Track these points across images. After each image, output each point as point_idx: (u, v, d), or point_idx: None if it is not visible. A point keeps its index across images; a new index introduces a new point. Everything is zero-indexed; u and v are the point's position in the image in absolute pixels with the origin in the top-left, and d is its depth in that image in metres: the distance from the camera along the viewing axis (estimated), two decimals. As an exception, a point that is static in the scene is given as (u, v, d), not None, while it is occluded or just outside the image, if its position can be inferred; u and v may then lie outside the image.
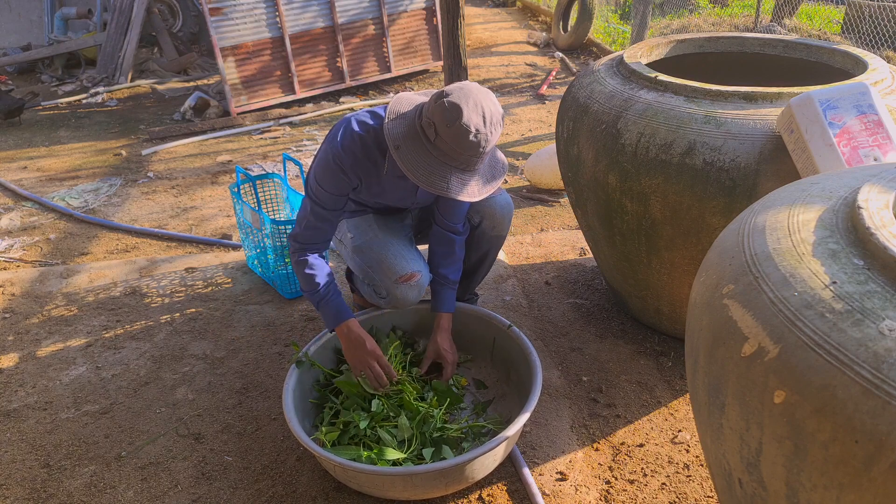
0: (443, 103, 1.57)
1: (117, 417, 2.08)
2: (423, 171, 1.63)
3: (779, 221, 1.11)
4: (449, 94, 1.58)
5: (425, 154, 1.63)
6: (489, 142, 1.61)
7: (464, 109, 1.55)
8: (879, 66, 1.96)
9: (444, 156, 1.62)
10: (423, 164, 1.63)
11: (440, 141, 1.60)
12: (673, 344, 2.34)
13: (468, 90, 1.60)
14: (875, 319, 0.85)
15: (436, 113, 1.58)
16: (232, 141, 4.73)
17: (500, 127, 1.64)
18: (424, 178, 1.63)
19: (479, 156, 1.62)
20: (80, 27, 7.17)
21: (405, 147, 1.64)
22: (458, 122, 1.55)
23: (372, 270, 2.04)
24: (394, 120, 1.69)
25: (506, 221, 2.13)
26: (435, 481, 1.62)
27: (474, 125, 1.56)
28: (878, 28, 5.67)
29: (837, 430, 0.82)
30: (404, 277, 2.00)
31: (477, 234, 2.12)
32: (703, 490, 1.77)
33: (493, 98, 1.64)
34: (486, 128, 1.59)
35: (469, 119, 1.56)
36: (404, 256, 2.02)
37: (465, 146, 1.58)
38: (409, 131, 1.65)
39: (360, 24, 5.47)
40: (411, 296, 2.04)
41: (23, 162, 4.45)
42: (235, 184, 2.76)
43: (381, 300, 2.09)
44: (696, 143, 1.81)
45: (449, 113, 1.56)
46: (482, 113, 1.58)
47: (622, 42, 6.52)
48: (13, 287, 2.83)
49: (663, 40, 2.42)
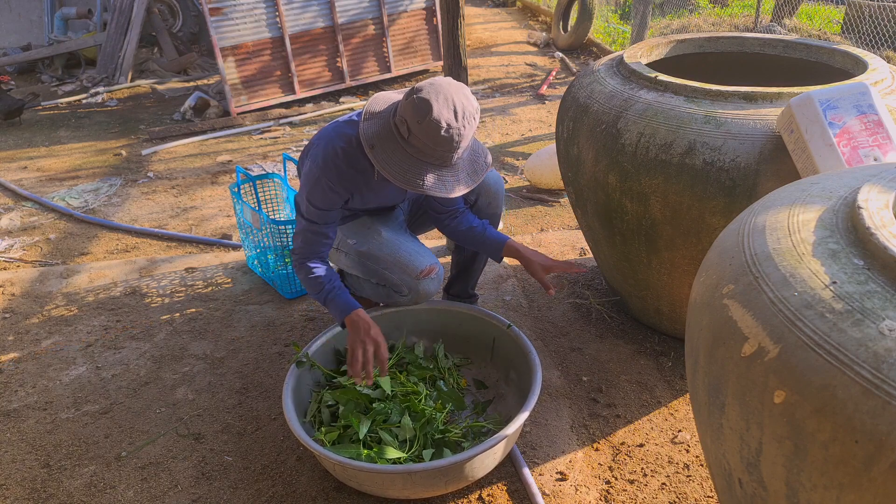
0: (413, 100, 1.58)
1: (117, 417, 2.08)
2: (399, 170, 1.63)
3: (779, 221, 1.11)
4: (419, 91, 1.59)
5: (400, 152, 1.63)
6: (462, 136, 1.60)
7: (434, 105, 1.55)
8: (879, 66, 1.96)
9: (419, 153, 1.62)
10: (399, 162, 1.63)
11: (413, 138, 1.60)
12: (673, 344, 2.34)
13: (439, 85, 1.60)
14: (875, 319, 0.85)
15: (407, 110, 1.59)
16: (232, 141, 4.73)
17: (473, 121, 1.62)
18: (401, 177, 1.63)
19: (453, 150, 1.62)
20: (80, 27, 7.17)
21: (380, 146, 1.65)
22: (428, 118, 1.55)
23: (389, 272, 2.04)
24: (368, 120, 1.69)
25: (500, 197, 2.15)
26: (435, 479, 1.62)
27: (445, 120, 1.56)
28: (878, 28, 5.67)
29: (837, 430, 0.82)
30: (424, 272, 2.01)
31: (474, 213, 2.13)
32: (703, 490, 1.77)
33: (467, 92, 1.64)
34: (458, 122, 1.58)
35: (440, 114, 1.55)
36: (418, 252, 2.04)
37: (438, 141, 1.58)
38: (383, 130, 1.66)
39: (360, 24, 5.47)
40: (432, 288, 2.06)
41: (23, 162, 4.45)
42: (235, 184, 2.76)
43: (402, 298, 2.09)
44: (696, 143, 1.81)
45: (419, 109, 1.56)
46: (453, 107, 1.57)
47: (622, 42, 6.52)
48: (13, 287, 2.83)
49: (663, 40, 2.42)
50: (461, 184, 1.70)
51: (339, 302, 1.89)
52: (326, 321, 2.50)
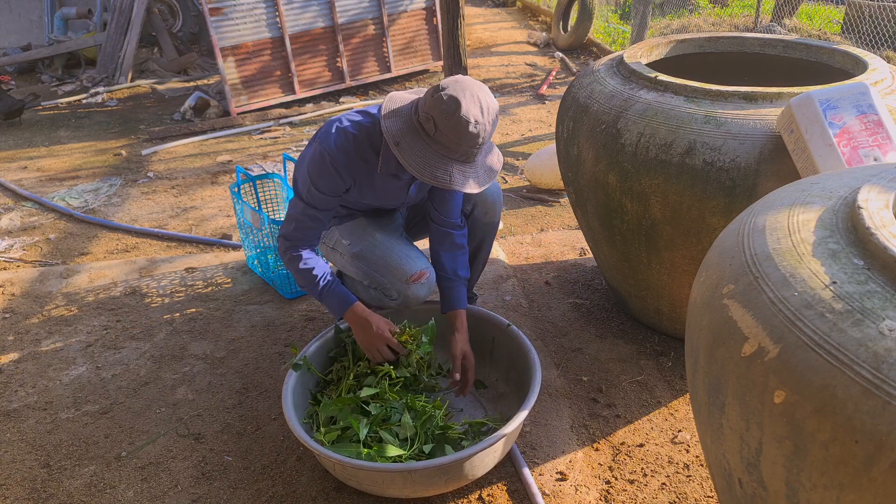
0: (440, 96, 1.59)
1: (117, 417, 2.08)
2: (426, 166, 1.65)
3: (779, 221, 1.11)
4: (446, 88, 1.61)
5: (425, 148, 1.65)
6: (488, 132, 1.64)
7: (462, 101, 1.58)
8: (879, 66, 1.96)
9: (445, 149, 1.64)
10: (425, 158, 1.65)
11: (439, 134, 1.62)
12: (673, 344, 2.34)
13: (464, 83, 1.63)
14: (875, 319, 0.85)
15: (434, 107, 1.60)
16: (232, 141, 4.73)
17: (496, 119, 1.66)
18: (428, 173, 1.65)
19: (479, 147, 1.65)
20: (80, 27, 7.17)
21: (405, 143, 1.66)
22: (457, 114, 1.58)
23: (379, 274, 2.04)
24: (390, 118, 1.70)
25: (497, 207, 2.15)
26: (435, 477, 1.62)
27: (473, 116, 1.59)
28: (878, 28, 5.67)
29: (837, 430, 0.82)
30: (414, 277, 2.01)
31: (470, 222, 2.13)
32: (703, 490, 1.77)
33: (488, 91, 1.67)
34: (484, 118, 1.61)
35: (468, 110, 1.58)
36: (410, 256, 2.03)
37: (465, 138, 1.61)
38: (406, 127, 1.68)
39: (360, 24, 5.47)
40: (422, 293, 2.05)
41: (23, 162, 4.45)
42: (235, 184, 2.76)
43: (391, 301, 2.09)
44: (696, 143, 1.81)
45: (447, 105, 1.58)
46: (479, 104, 1.61)
47: (622, 42, 6.52)
48: (13, 287, 2.83)
49: (663, 40, 2.42)
50: (481, 179, 1.72)
51: (334, 297, 1.89)
52: (326, 321, 2.50)
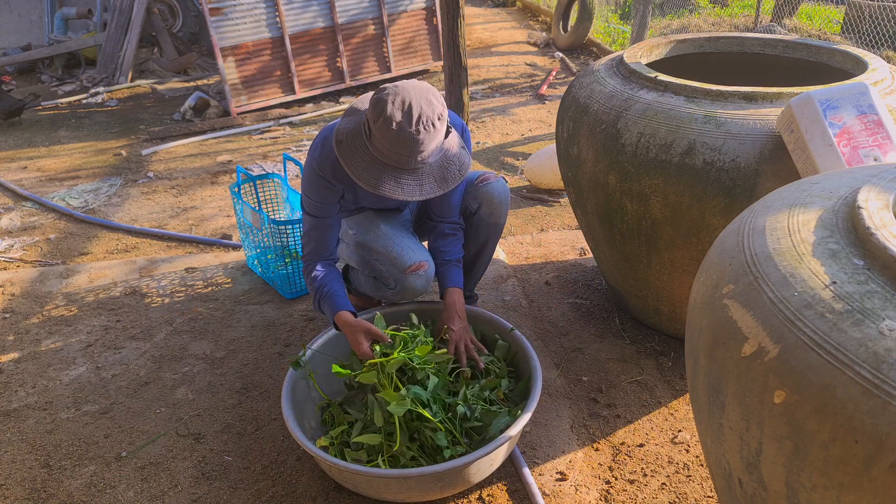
0: (373, 99, 1.60)
1: (117, 417, 2.08)
2: (359, 167, 1.66)
3: (779, 221, 1.11)
4: (381, 91, 1.60)
5: (363, 151, 1.66)
6: (420, 141, 1.59)
7: (387, 105, 1.56)
8: (879, 66, 1.96)
9: (379, 153, 1.64)
10: (360, 160, 1.66)
11: (374, 138, 1.63)
12: (673, 344, 2.34)
13: (401, 87, 1.60)
14: (875, 319, 0.85)
15: (369, 109, 1.61)
16: (232, 141, 4.73)
17: (433, 126, 1.60)
18: (358, 175, 1.66)
19: (410, 154, 1.61)
20: (80, 27, 7.17)
21: (347, 143, 1.68)
22: (381, 118, 1.57)
23: (379, 263, 2.05)
24: (347, 117, 1.72)
25: (503, 208, 2.13)
26: (430, 484, 1.61)
27: (395, 122, 1.56)
28: (878, 28, 5.67)
29: (837, 430, 0.82)
30: (412, 267, 2.01)
31: (475, 221, 2.13)
32: (703, 490, 1.77)
33: (431, 98, 1.61)
34: (413, 126, 1.57)
35: (392, 115, 1.56)
36: (410, 247, 2.04)
37: (391, 143, 1.59)
38: (354, 128, 1.69)
39: (360, 23, 5.47)
40: (420, 285, 2.05)
41: (23, 162, 4.45)
42: (236, 183, 2.76)
43: (389, 291, 2.09)
44: (696, 143, 1.81)
45: (374, 108, 1.59)
46: (408, 110, 1.56)
47: (622, 42, 6.52)
48: (13, 287, 2.83)
49: (663, 40, 2.42)
50: (425, 189, 1.69)
51: (327, 303, 1.91)
52: (326, 321, 2.50)
